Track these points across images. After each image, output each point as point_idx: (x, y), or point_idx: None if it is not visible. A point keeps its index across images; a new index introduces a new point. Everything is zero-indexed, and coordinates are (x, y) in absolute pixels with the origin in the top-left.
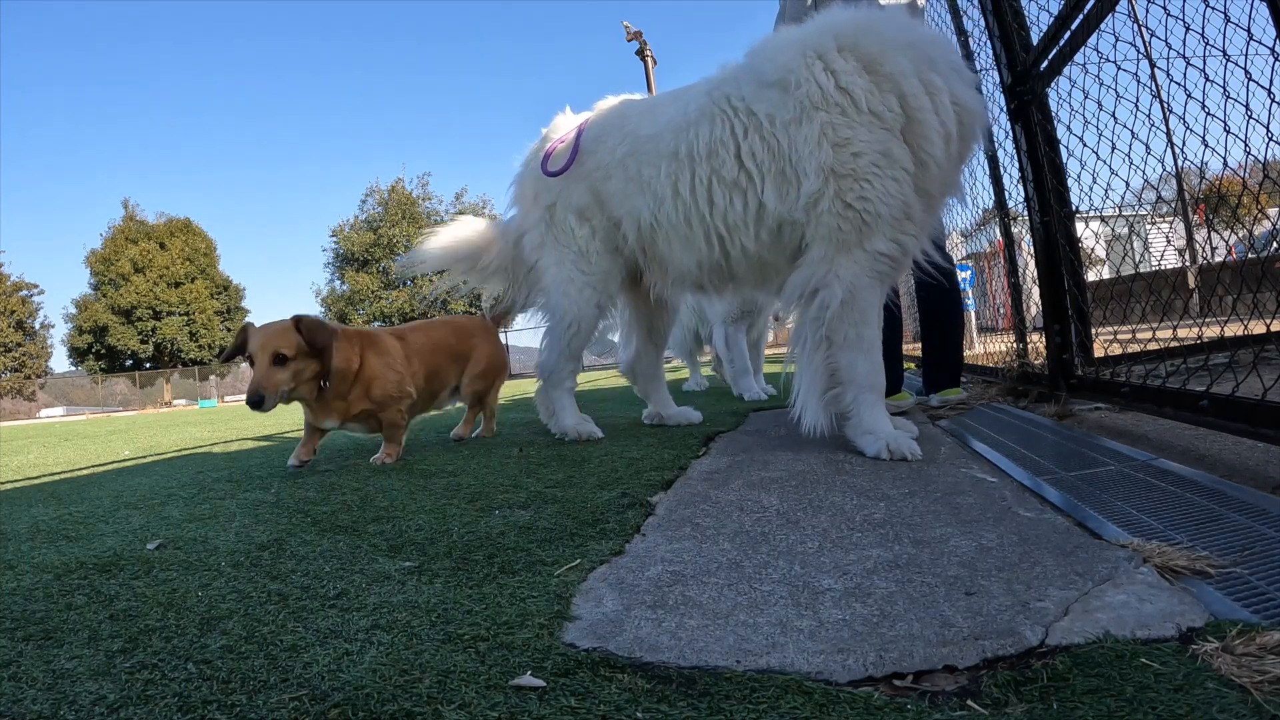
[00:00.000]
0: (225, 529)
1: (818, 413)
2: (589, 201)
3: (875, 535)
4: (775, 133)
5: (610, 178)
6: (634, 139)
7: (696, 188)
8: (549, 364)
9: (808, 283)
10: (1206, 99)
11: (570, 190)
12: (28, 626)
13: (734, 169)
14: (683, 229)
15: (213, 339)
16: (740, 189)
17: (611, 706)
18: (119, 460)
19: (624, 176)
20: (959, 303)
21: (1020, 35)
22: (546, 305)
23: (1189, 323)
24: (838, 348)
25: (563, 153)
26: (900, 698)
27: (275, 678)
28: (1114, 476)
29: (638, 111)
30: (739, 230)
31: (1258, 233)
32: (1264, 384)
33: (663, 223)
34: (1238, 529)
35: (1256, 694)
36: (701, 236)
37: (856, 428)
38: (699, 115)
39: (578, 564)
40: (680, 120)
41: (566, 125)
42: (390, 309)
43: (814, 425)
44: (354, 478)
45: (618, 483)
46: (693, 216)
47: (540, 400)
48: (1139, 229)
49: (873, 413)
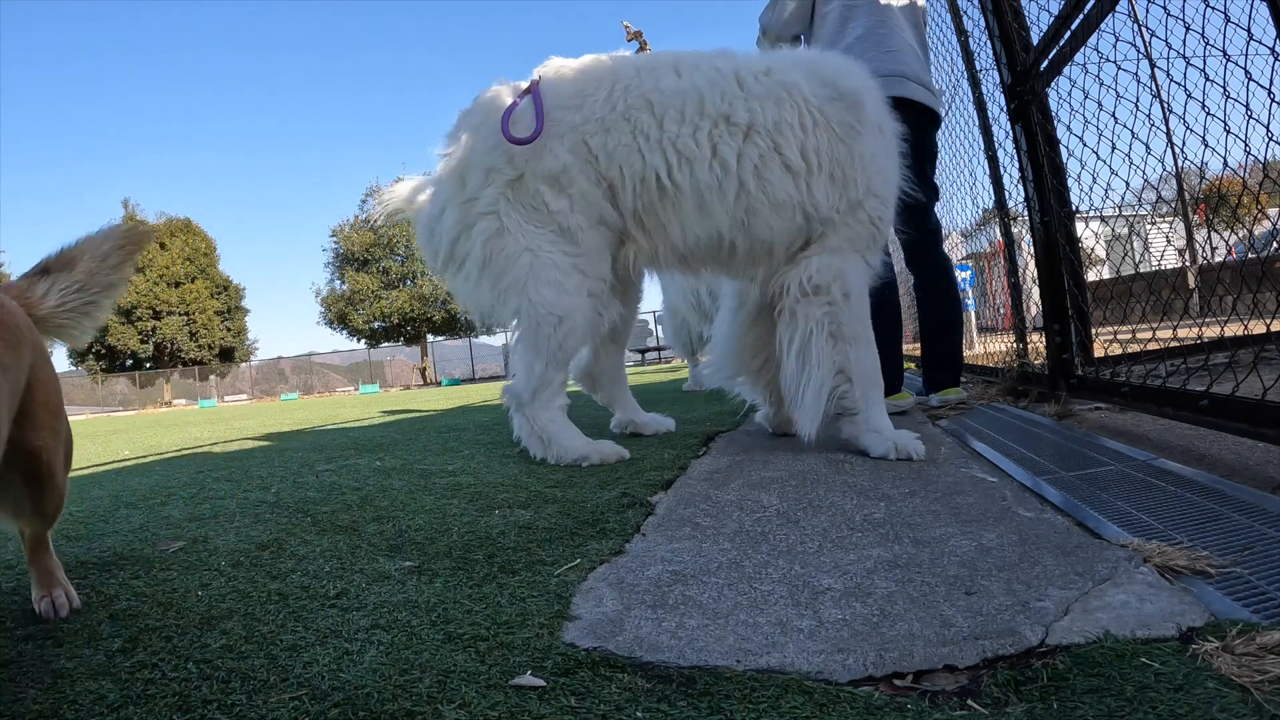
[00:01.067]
0: (225, 528)
1: (819, 411)
2: (569, 162)
3: (875, 535)
4: (842, 138)
5: (609, 130)
6: (649, 92)
7: (745, 158)
8: (531, 380)
9: (818, 275)
10: (1206, 99)
11: (543, 155)
12: (27, 625)
13: (796, 155)
14: (708, 197)
15: (213, 339)
16: (795, 174)
17: (611, 706)
18: (119, 460)
19: (631, 130)
20: (959, 303)
21: (1020, 35)
22: (520, 305)
23: (1189, 323)
24: (846, 343)
25: (526, 112)
26: (900, 697)
27: (275, 677)
28: (1114, 476)
29: (636, 67)
30: (774, 211)
31: (1258, 233)
32: (1264, 384)
33: (683, 186)
34: (1238, 529)
35: (1257, 694)
36: (728, 208)
37: (863, 425)
38: (763, 94)
39: (578, 564)
40: (729, 90)
41: (506, 94)
42: (390, 309)
43: (816, 424)
44: (354, 478)
45: (617, 482)
46: (728, 185)
47: (522, 428)
48: (1139, 229)
49: (879, 411)
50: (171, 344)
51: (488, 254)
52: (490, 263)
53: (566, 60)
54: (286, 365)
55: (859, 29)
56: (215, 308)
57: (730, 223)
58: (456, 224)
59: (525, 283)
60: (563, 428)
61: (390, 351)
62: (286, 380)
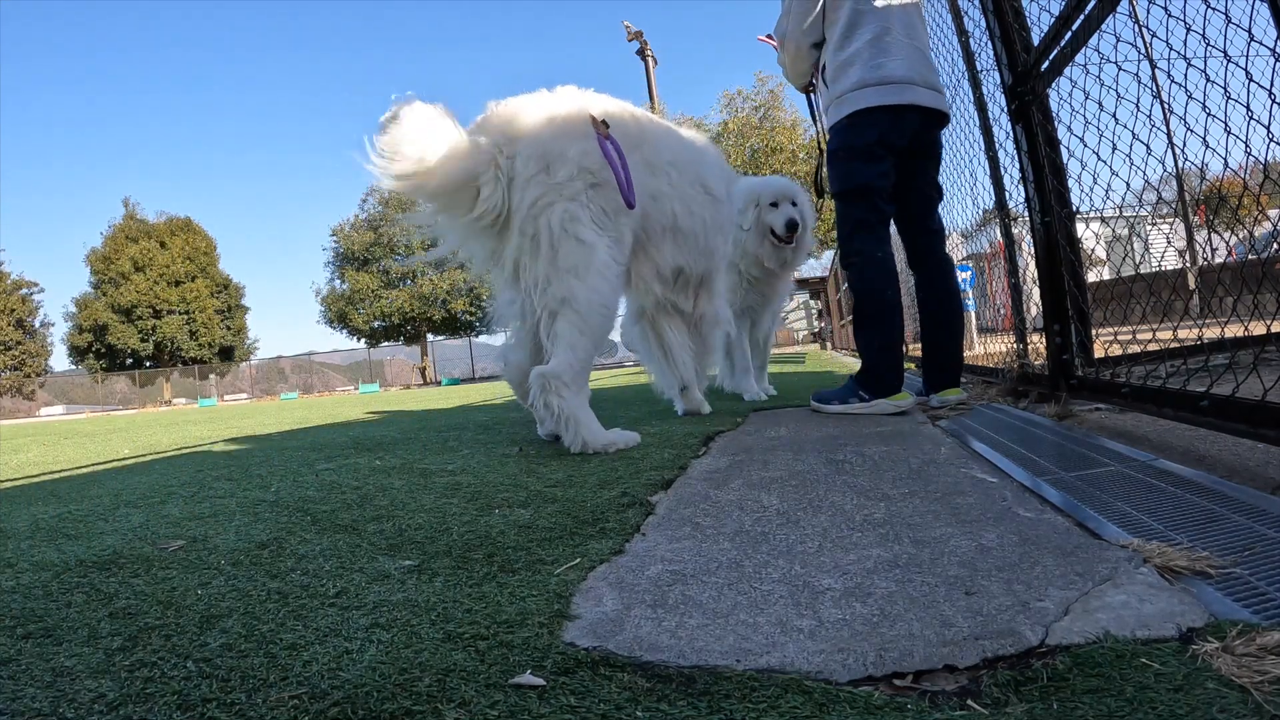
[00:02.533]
0: (225, 527)
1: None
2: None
3: (875, 535)
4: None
5: (655, 176)
6: (670, 153)
7: (702, 212)
8: (575, 362)
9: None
10: (1207, 100)
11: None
12: (27, 624)
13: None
14: (685, 236)
15: (213, 338)
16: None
17: (611, 705)
18: (119, 459)
19: (668, 181)
20: (960, 304)
21: (1021, 36)
22: (574, 288)
23: (1189, 324)
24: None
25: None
26: (900, 697)
27: (275, 676)
28: (1114, 477)
29: (654, 131)
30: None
31: (1258, 234)
32: (1264, 385)
33: (681, 227)
34: (1238, 529)
35: (1256, 694)
36: (691, 244)
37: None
38: (711, 172)
39: (577, 563)
40: (698, 163)
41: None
42: (390, 308)
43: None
44: (354, 476)
45: (618, 482)
46: (697, 229)
47: (553, 406)
48: (1139, 230)
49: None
50: (171, 343)
51: (558, 234)
52: (559, 243)
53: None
54: (286, 364)
55: (867, 34)
56: (215, 307)
57: (686, 254)
58: (538, 198)
59: (586, 270)
60: (589, 414)
61: (390, 351)
62: (286, 379)
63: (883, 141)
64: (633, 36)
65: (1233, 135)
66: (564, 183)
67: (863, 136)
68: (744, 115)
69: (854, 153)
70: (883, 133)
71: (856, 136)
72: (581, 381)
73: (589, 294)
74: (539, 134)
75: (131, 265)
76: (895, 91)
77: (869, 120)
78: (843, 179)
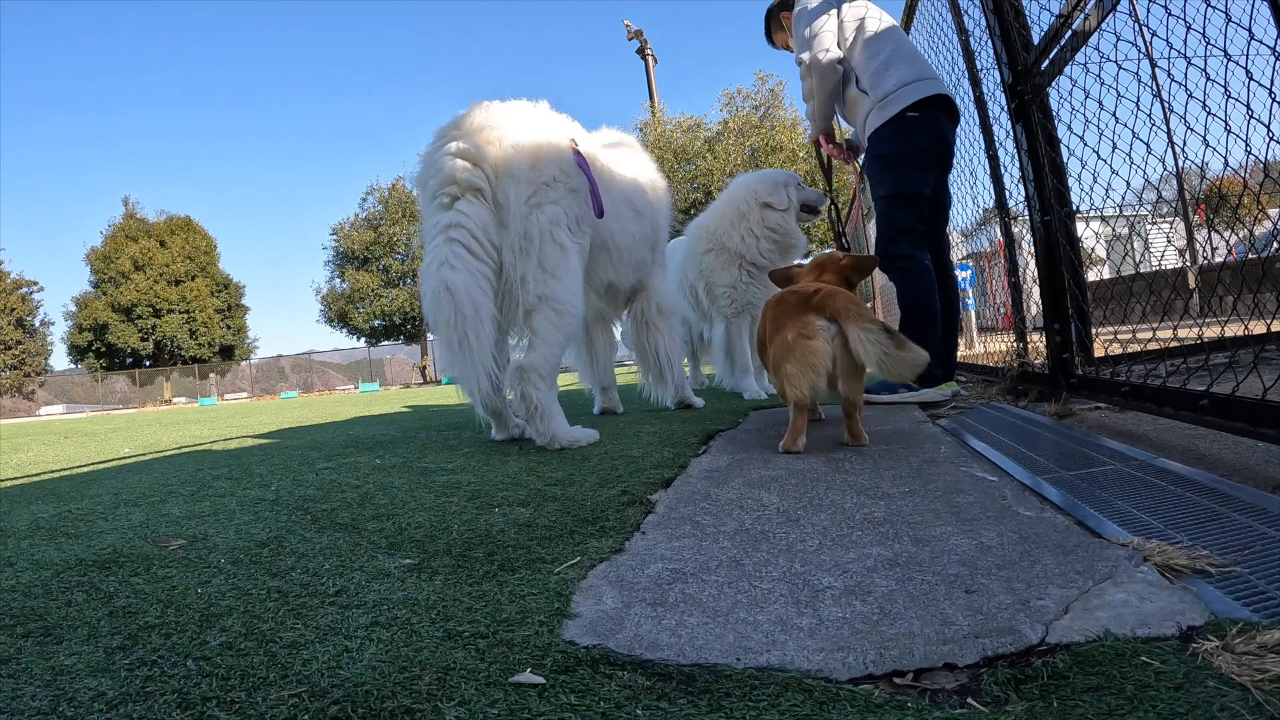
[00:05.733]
0: (225, 526)
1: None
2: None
3: (875, 533)
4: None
5: (609, 197)
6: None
7: (630, 228)
8: (552, 358)
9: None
10: (1207, 99)
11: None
12: (27, 623)
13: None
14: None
15: (213, 337)
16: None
17: (611, 704)
18: (119, 458)
19: (616, 200)
20: (957, 298)
21: (1021, 35)
22: (555, 290)
23: (1189, 323)
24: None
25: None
26: (900, 695)
27: (275, 674)
28: (1114, 475)
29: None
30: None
31: (1258, 233)
32: (1264, 384)
33: (621, 245)
34: (1238, 528)
35: (1257, 693)
36: (620, 260)
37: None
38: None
39: (577, 561)
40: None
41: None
42: (390, 307)
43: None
44: (353, 475)
45: (617, 481)
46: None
47: (530, 397)
48: (1139, 229)
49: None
50: (171, 342)
51: (544, 235)
52: (544, 243)
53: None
54: (286, 363)
55: (888, 49)
56: (215, 306)
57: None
58: (529, 198)
59: (565, 276)
60: (558, 409)
61: (390, 350)
62: (286, 378)
63: (929, 151)
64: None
65: (1233, 134)
66: (549, 184)
67: (915, 144)
68: (744, 114)
69: (907, 159)
70: (930, 141)
71: (909, 144)
72: (555, 377)
73: (567, 295)
74: (524, 134)
75: (131, 264)
76: (932, 85)
77: (919, 126)
78: (895, 183)
